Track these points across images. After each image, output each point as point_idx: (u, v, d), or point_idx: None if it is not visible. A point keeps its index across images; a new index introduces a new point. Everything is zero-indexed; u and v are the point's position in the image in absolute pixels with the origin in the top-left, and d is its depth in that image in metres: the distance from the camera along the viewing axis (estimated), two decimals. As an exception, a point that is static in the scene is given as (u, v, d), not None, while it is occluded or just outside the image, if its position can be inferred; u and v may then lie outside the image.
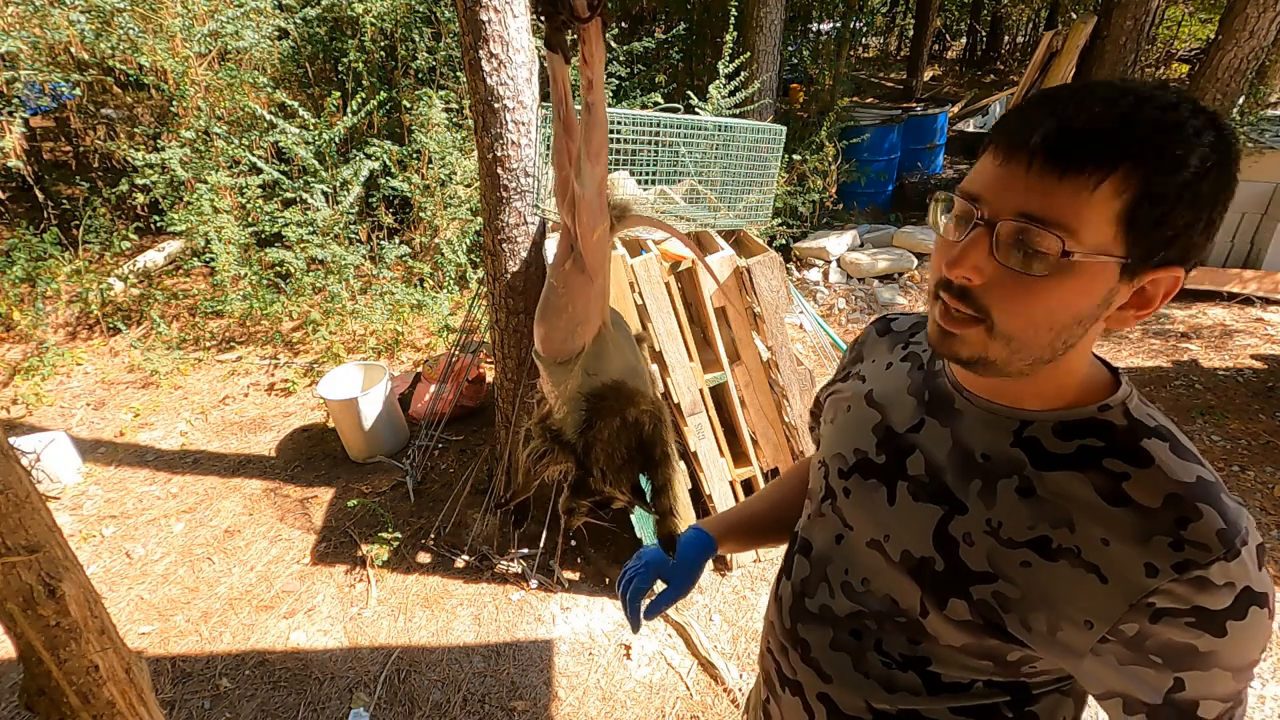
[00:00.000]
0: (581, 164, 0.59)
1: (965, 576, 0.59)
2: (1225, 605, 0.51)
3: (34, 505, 0.84)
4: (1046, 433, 0.58)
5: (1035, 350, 0.54)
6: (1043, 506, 0.56)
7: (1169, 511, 0.52)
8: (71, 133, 5.22)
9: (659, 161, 2.16)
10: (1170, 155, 0.47)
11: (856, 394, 0.74)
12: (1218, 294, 4.42)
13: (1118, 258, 0.50)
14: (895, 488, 0.65)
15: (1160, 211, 0.48)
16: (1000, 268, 0.51)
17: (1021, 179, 0.49)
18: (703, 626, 2.22)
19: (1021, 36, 14.50)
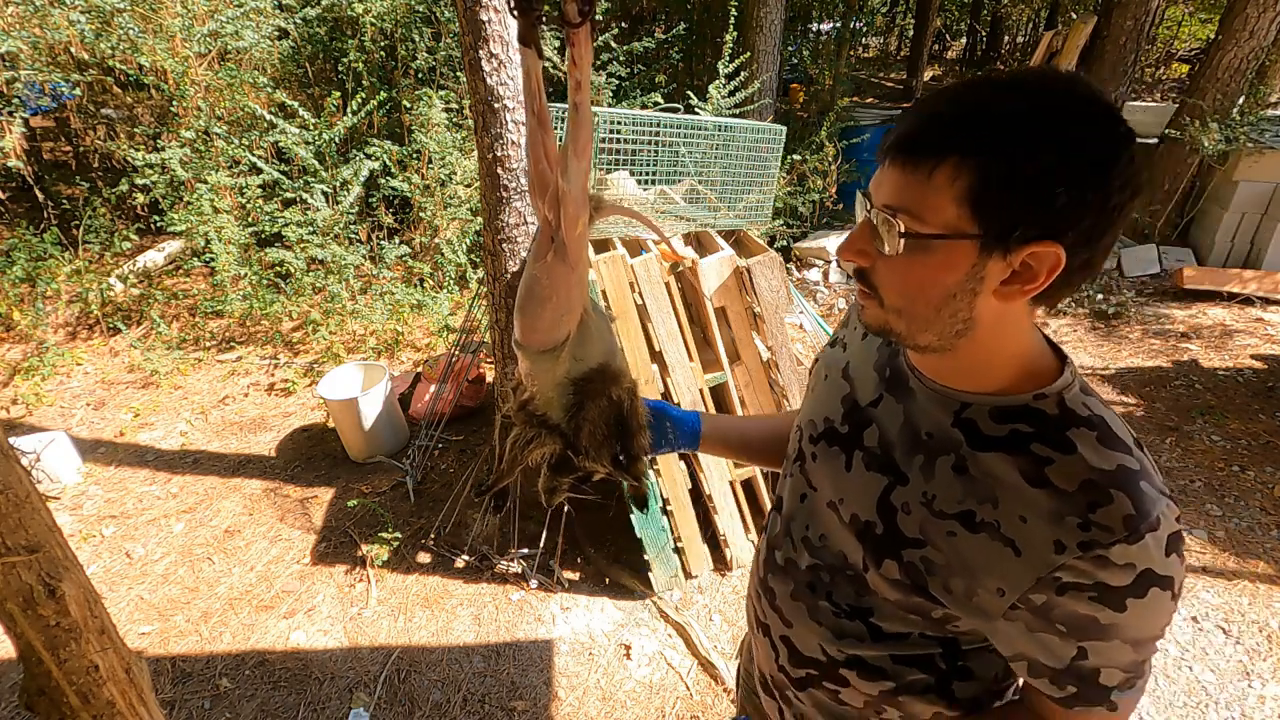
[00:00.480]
0: (568, 160, 0.61)
1: (899, 541, 0.66)
2: (1125, 583, 0.55)
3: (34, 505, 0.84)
4: (983, 415, 0.62)
5: (924, 323, 0.60)
6: (973, 484, 0.61)
7: (1082, 495, 0.56)
8: (71, 133, 5.22)
9: (659, 161, 2.16)
10: (1002, 141, 0.51)
11: (835, 365, 0.81)
12: (1218, 294, 4.42)
13: (970, 235, 0.54)
14: (852, 456, 0.72)
15: (1003, 188, 0.52)
16: (873, 245, 0.60)
17: (883, 175, 0.58)
18: (703, 626, 2.22)
19: (1021, 36, 14.50)
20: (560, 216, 0.64)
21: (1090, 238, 0.54)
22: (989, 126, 0.52)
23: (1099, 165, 0.51)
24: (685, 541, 2.33)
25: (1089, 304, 4.43)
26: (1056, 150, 0.51)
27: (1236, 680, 2.02)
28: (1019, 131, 0.51)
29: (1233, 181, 4.60)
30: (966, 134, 0.53)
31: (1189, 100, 4.96)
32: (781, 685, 0.85)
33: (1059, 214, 0.52)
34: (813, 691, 0.80)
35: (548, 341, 0.70)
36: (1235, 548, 2.47)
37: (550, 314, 0.68)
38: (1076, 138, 0.51)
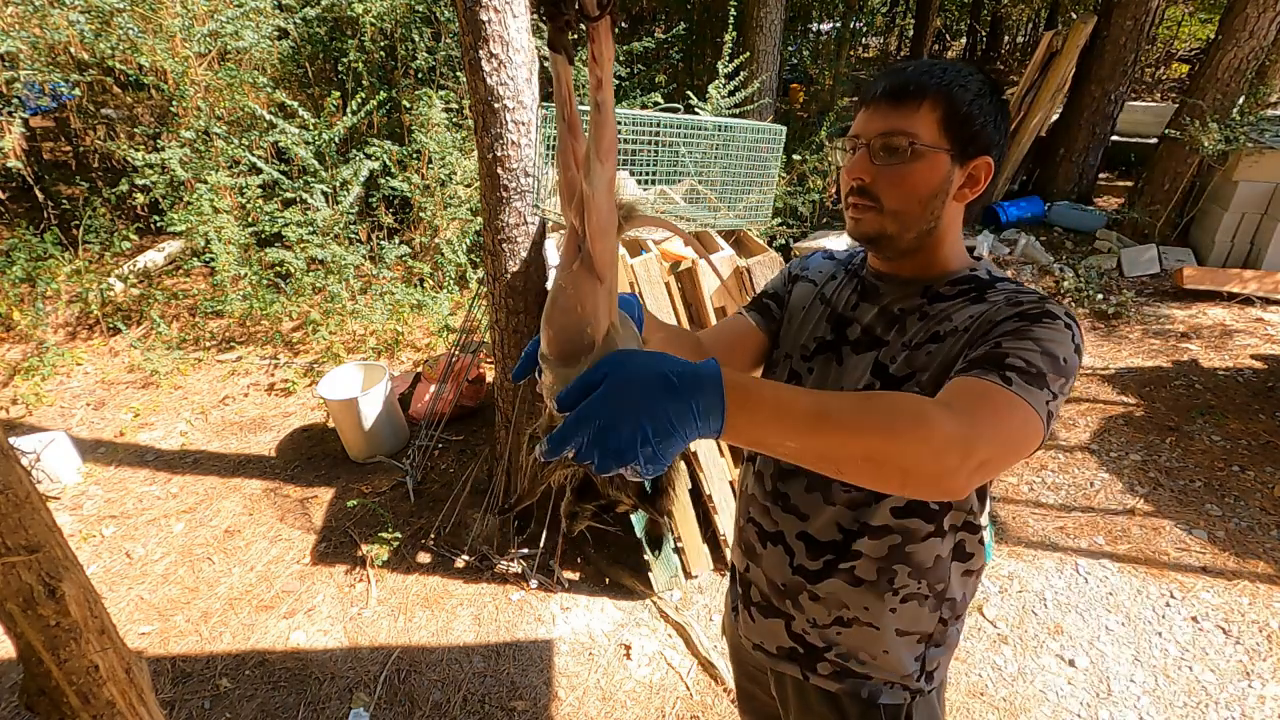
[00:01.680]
0: (591, 164, 0.59)
1: (895, 383, 0.83)
2: (1037, 312, 0.75)
3: (34, 505, 0.84)
4: (942, 285, 0.86)
5: (914, 219, 0.81)
6: (934, 319, 0.83)
7: (1009, 296, 0.80)
8: (71, 133, 5.22)
9: (659, 161, 2.16)
10: (957, 87, 0.78)
11: (808, 295, 1.00)
12: (1218, 294, 4.42)
13: (945, 149, 0.79)
14: (841, 352, 0.91)
15: (960, 118, 0.78)
16: (878, 168, 0.80)
17: (877, 115, 0.80)
18: (703, 626, 2.22)
19: (1021, 36, 14.50)
20: (585, 224, 0.61)
21: (1000, 154, 0.83)
22: (949, 78, 0.79)
23: (1004, 105, 0.82)
24: (685, 541, 2.33)
25: (1089, 304, 4.43)
26: (987, 94, 0.80)
27: (1236, 680, 2.02)
28: (966, 82, 0.79)
29: (1233, 181, 4.60)
30: (938, 82, 0.78)
31: (1189, 100, 4.96)
32: (797, 588, 0.94)
33: (990, 136, 0.80)
34: (832, 580, 0.91)
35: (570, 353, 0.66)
36: (1235, 548, 2.47)
37: (575, 324, 0.64)
38: (994, 88, 0.81)
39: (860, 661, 0.93)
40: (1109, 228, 5.39)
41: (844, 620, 0.92)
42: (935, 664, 0.94)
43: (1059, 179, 5.86)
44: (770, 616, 0.99)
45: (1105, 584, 2.37)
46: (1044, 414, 0.69)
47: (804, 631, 0.95)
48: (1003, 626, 2.22)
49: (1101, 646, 2.14)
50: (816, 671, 0.96)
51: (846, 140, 0.86)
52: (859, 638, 0.92)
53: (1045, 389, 0.70)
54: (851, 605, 0.91)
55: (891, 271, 0.89)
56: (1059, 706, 1.96)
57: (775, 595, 0.97)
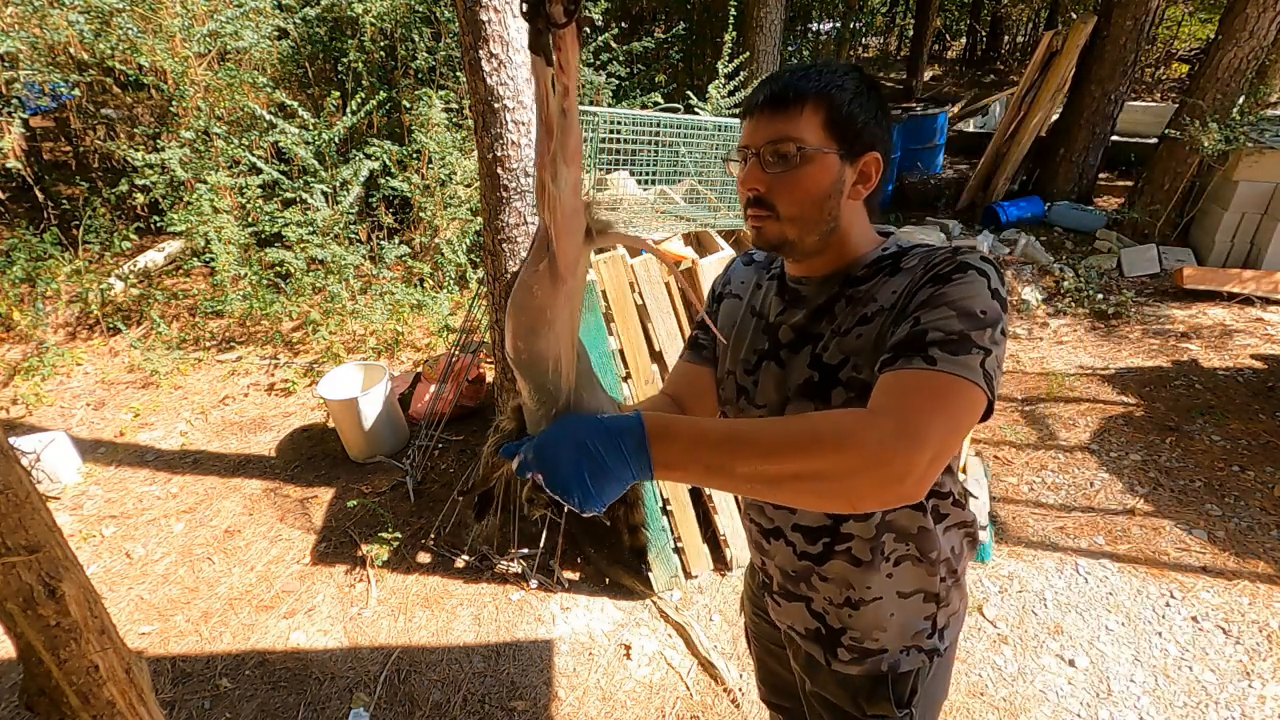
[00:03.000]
0: (558, 166, 0.61)
1: (833, 370, 0.84)
2: (948, 269, 0.76)
3: (34, 505, 0.84)
4: (859, 271, 0.86)
5: (811, 223, 0.83)
6: (859, 301, 0.84)
7: (923, 259, 0.81)
8: (71, 133, 5.22)
9: (659, 161, 2.16)
10: (834, 88, 0.80)
11: (736, 311, 1.01)
12: (1218, 294, 4.42)
13: (832, 149, 0.80)
14: (779, 355, 0.92)
15: (844, 118, 0.80)
16: (770, 176, 0.81)
17: (762, 124, 0.81)
18: (703, 626, 2.22)
19: (1021, 36, 14.50)
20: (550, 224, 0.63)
21: (886, 149, 0.84)
22: (826, 80, 0.80)
23: (882, 104, 0.85)
24: (685, 541, 2.33)
25: (1089, 304, 4.43)
26: (865, 92, 0.82)
27: (1236, 680, 2.02)
28: (843, 83, 0.81)
29: (1233, 181, 4.60)
30: (816, 86, 0.80)
31: (1189, 100, 4.96)
32: (807, 572, 0.97)
33: (874, 132, 0.82)
34: (834, 562, 0.94)
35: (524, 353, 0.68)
36: (1235, 548, 2.47)
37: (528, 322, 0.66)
38: (871, 85, 0.84)
39: (874, 639, 0.95)
40: (1109, 228, 5.39)
41: (853, 601, 0.94)
42: (945, 621, 0.96)
43: (1059, 179, 5.86)
44: (792, 600, 1.02)
45: (1105, 584, 2.37)
46: (980, 376, 0.69)
47: (824, 610, 0.98)
48: (1003, 626, 2.22)
49: (1101, 646, 2.14)
50: (837, 656, 0.98)
51: (736, 152, 0.86)
52: (868, 616, 0.94)
53: (973, 349, 0.70)
54: (856, 585, 0.93)
55: (807, 274, 0.91)
56: (1059, 706, 1.96)
57: (790, 582, 1.01)
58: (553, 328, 0.67)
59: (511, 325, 0.68)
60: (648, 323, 2.13)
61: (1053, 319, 4.37)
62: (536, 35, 0.55)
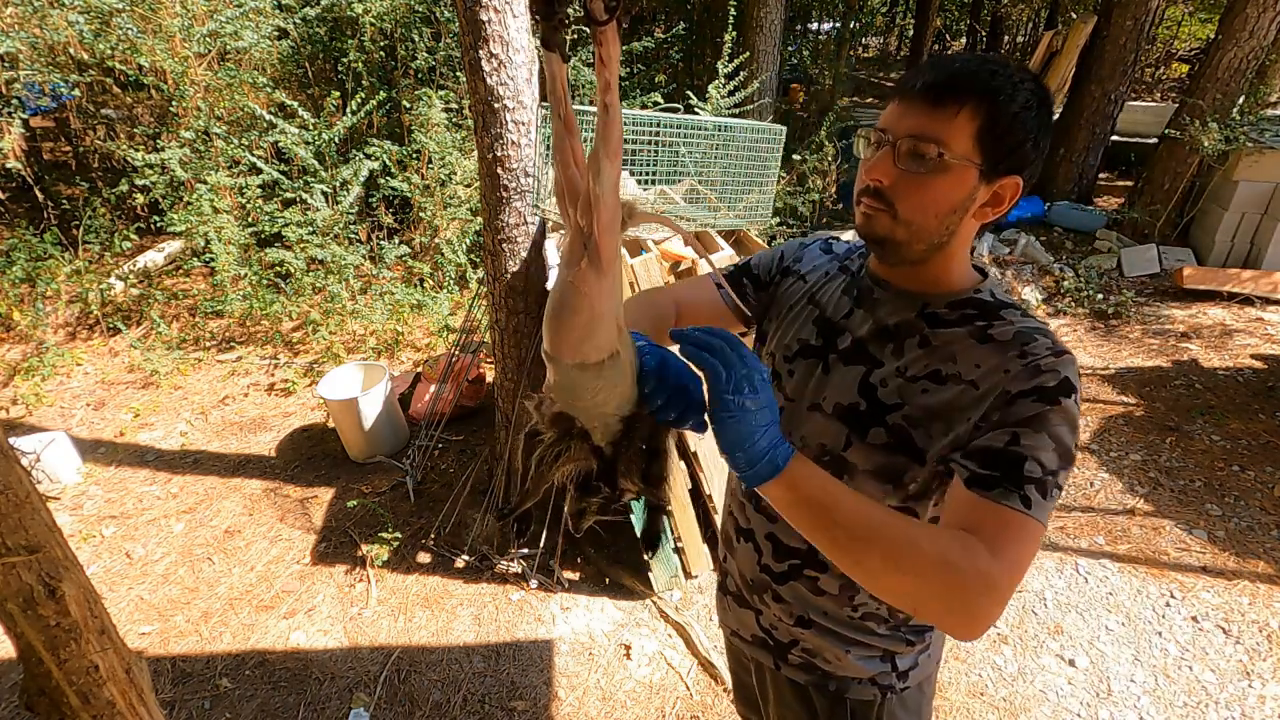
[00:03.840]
0: (600, 164, 0.60)
1: (882, 409, 0.79)
2: (1054, 384, 0.70)
3: (34, 505, 0.84)
4: (940, 306, 0.80)
5: (926, 232, 0.76)
6: (935, 351, 0.78)
7: (1017, 341, 0.74)
8: (71, 133, 5.21)
9: (659, 161, 2.16)
10: (1003, 95, 0.71)
11: (801, 294, 0.95)
12: (1218, 294, 4.42)
13: (976, 164, 0.72)
14: (828, 360, 0.86)
15: (1000, 132, 0.71)
16: (899, 172, 0.74)
17: (910, 112, 0.73)
18: (703, 626, 2.22)
19: (1021, 36, 14.50)
20: (594, 222, 0.63)
21: (1033, 174, 0.76)
22: (998, 84, 0.71)
23: (1049, 120, 0.75)
24: (685, 541, 2.33)
25: (1089, 304, 4.43)
26: (1034, 107, 0.72)
27: (1236, 680, 2.02)
28: (1015, 90, 0.71)
29: (1233, 181, 4.60)
30: (983, 86, 0.71)
31: (1189, 100, 4.96)
32: (763, 586, 0.95)
33: (1026, 155, 0.74)
34: (794, 584, 0.91)
35: (579, 354, 0.67)
36: (1235, 548, 2.47)
37: (582, 324, 0.66)
38: (1042, 100, 0.74)
39: (825, 660, 0.93)
40: (1109, 227, 5.39)
41: (805, 620, 0.92)
42: (910, 665, 0.93)
43: (1059, 179, 5.86)
44: (743, 607, 1.01)
45: (1105, 584, 2.37)
46: (1049, 519, 0.69)
47: (772, 626, 0.97)
48: (1003, 626, 2.22)
49: (1101, 646, 2.14)
50: (787, 661, 0.97)
51: (871, 131, 0.78)
52: (820, 639, 0.92)
53: (1054, 492, 0.68)
54: (811, 611, 0.91)
55: (891, 279, 0.84)
56: (1059, 706, 1.96)
57: (746, 588, 0.99)
58: (605, 324, 0.67)
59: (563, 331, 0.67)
60: (648, 323, 2.12)
61: (1053, 319, 4.37)
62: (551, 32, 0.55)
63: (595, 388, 0.70)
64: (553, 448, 0.75)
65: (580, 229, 0.64)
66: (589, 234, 0.63)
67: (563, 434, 0.75)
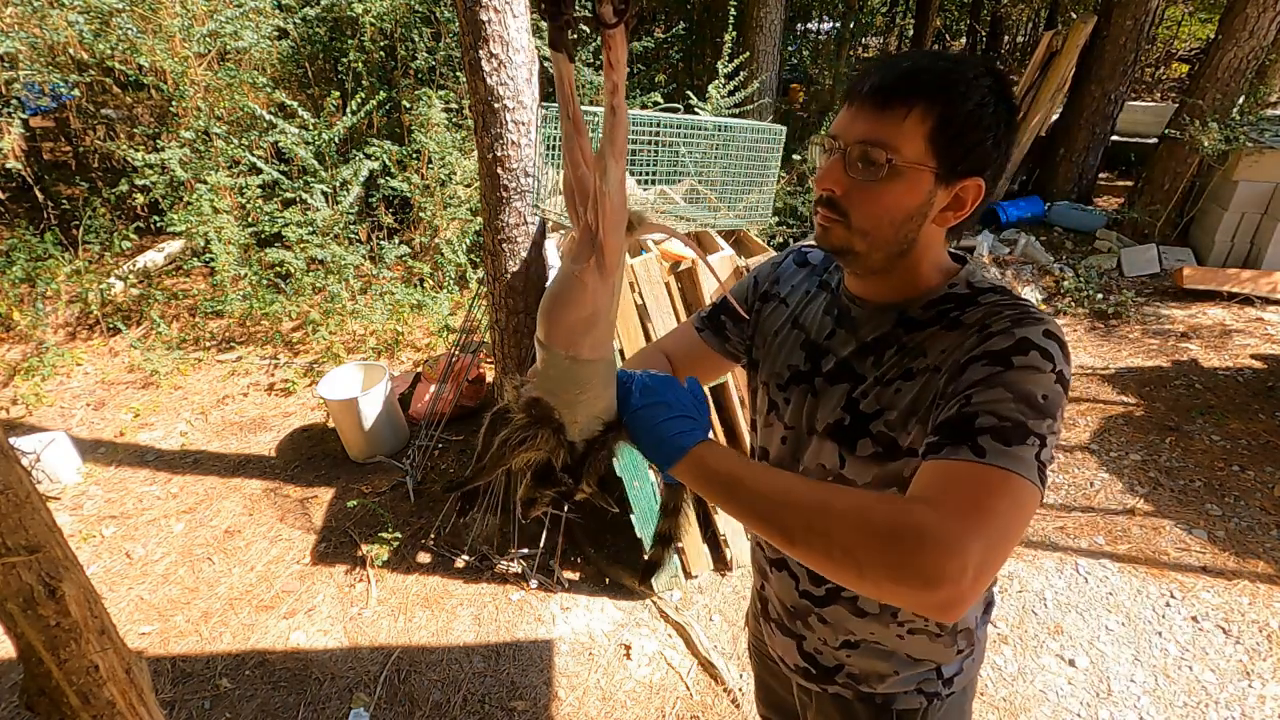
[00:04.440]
0: (607, 162, 0.62)
1: (865, 419, 0.78)
2: (1008, 345, 0.66)
3: (34, 505, 0.84)
4: (916, 311, 0.78)
5: (884, 241, 0.73)
6: (909, 353, 0.76)
7: (979, 321, 0.71)
8: (71, 133, 5.22)
9: (659, 161, 2.15)
10: (955, 93, 0.67)
11: (784, 319, 0.93)
12: (1217, 294, 4.42)
13: (930, 167, 0.69)
14: (814, 383, 0.85)
15: (953, 132, 0.68)
16: (850, 180, 0.71)
17: (859, 117, 0.70)
18: (703, 626, 2.22)
19: (1021, 36, 14.50)
20: (599, 220, 0.64)
21: (995, 176, 0.72)
22: (947, 84, 0.67)
23: (1011, 116, 0.71)
24: (685, 541, 2.33)
25: (1089, 304, 4.43)
26: (992, 104, 0.68)
27: (1236, 680, 2.02)
28: (969, 87, 0.68)
29: (1233, 181, 4.60)
30: (933, 85, 0.67)
31: (1189, 100, 4.96)
32: (805, 611, 0.93)
33: (985, 154, 0.70)
34: (835, 607, 0.89)
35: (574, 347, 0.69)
36: (1235, 548, 2.47)
37: (581, 317, 0.68)
38: (1001, 95, 0.70)
39: (871, 685, 0.92)
40: (1109, 227, 5.39)
41: (851, 643, 0.90)
42: (955, 671, 0.92)
43: (1059, 179, 5.86)
44: (785, 635, 0.98)
45: (1105, 584, 2.37)
46: (1034, 470, 0.61)
47: (816, 651, 0.94)
48: (1003, 626, 2.22)
49: (1101, 646, 2.14)
50: (833, 683, 0.95)
51: (825, 139, 0.76)
52: (868, 660, 0.90)
53: (1029, 438, 0.62)
54: (858, 631, 0.89)
55: (866, 295, 0.82)
56: (1059, 706, 1.96)
57: (787, 616, 0.97)
58: (603, 321, 0.69)
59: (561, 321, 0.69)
60: (648, 323, 2.12)
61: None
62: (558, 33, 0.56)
63: (584, 384, 0.71)
64: (520, 432, 0.74)
65: (589, 227, 0.66)
66: (597, 232, 0.65)
67: (534, 421, 0.74)
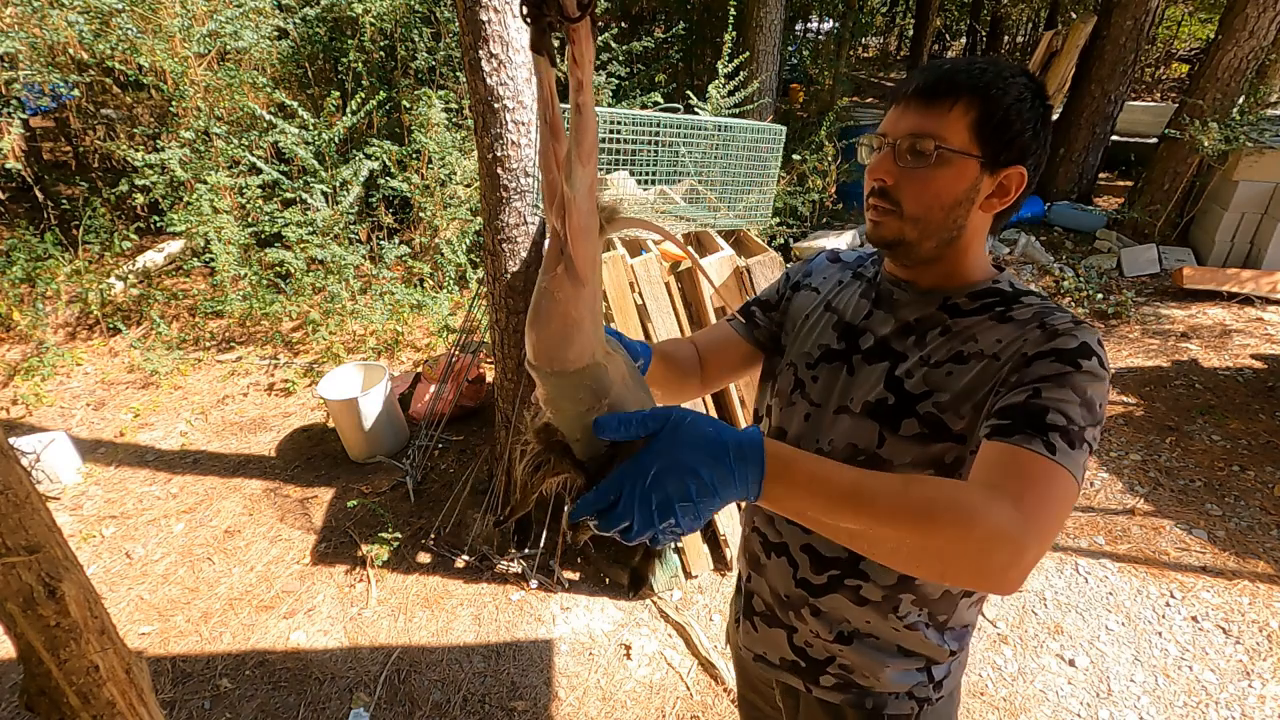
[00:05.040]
0: (573, 166, 0.58)
1: (911, 400, 0.80)
2: (1073, 346, 0.71)
3: (34, 505, 0.84)
4: (961, 298, 0.82)
5: (935, 227, 0.78)
6: (957, 336, 0.79)
7: (1037, 318, 0.76)
8: (71, 133, 5.21)
9: (659, 161, 2.16)
10: (995, 88, 0.74)
11: (815, 304, 0.96)
12: (1217, 294, 4.42)
13: (975, 155, 0.75)
14: (852, 361, 0.87)
15: (996, 123, 0.74)
16: (901, 170, 0.77)
17: (906, 114, 0.77)
18: (703, 626, 2.22)
19: (1021, 36, 14.51)
20: (565, 227, 0.61)
21: (1037, 165, 0.78)
22: (988, 79, 0.75)
23: (1046, 113, 0.78)
24: (685, 541, 2.33)
25: (1089, 304, 4.43)
26: (1029, 100, 0.75)
27: (1237, 680, 2.02)
28: (1006, 85, 0.75)
29: (1233, 181, 4.60)
30: (974, 83, 0.74)
31: (1189, 100, 4.96)
32: (799, 601, 0.92)
33: (1026, 144, 0.76)
34: (834, 596, 0.89)
35: (557, 362, 0.65)
36: (1235, 548, 2.47)
37: (557, 331, 0.63)
38: (1036, 93, 0.77)
39: (864, 676, 0.91)
40: (1109, 227, 5.39)
41: (845, 635, 0.90)
42: (944, 674, 0.92)
43: (1059, 179, 5.86)
44: (774, 626, 0.97)
45: (1105, 584, 2.37)
46: (1082, 474, 0.65)
47: (806, 644, 0.94)
48: (1003, 626, 2.22)
49: (1101, 646, 2.14)
50: (819, 684, 0.94)
51: (874, 138, 0.82)
52: (862, 653, 0.90)
53: (1084, 446, 0.66)
54: (853, 619, 0.89)
55: (909, 279, 0.86)
56: (1059, 706, 1.96)
57: (779, 606, 0.96)
58: (582, 331, 0.64)
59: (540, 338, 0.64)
60: (648, 323, 2.12)
61: (1053, 319, 4.37)
62: (539, 35, 0.54)
63: (576, 397, 0.67)
64: (534, 459, 0.72)
65: (558, 235, 0.62)
66: (565, 240, 0.61)
67: (545, 445, 0.72)
